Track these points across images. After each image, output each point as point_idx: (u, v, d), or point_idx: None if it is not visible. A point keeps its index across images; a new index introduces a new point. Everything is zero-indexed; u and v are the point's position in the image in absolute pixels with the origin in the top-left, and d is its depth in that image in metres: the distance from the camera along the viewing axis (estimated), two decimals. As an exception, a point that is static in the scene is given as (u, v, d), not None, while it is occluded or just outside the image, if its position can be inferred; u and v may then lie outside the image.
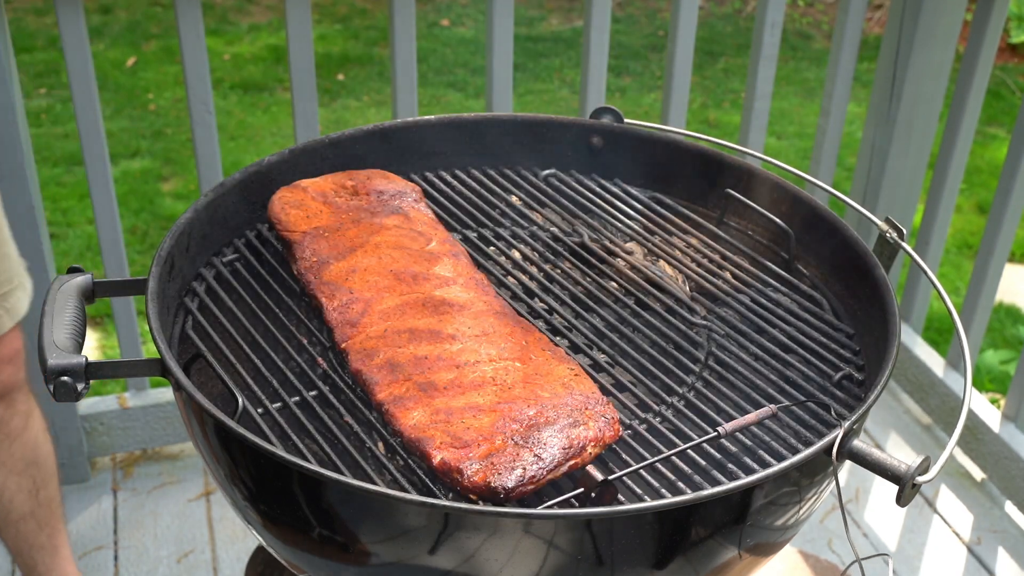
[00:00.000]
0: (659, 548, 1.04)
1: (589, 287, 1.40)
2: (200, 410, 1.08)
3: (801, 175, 1.57)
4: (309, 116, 2.36)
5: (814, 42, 5.91)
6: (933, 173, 2.75)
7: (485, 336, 1.21)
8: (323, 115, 4.85)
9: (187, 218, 1.35)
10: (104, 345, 3.25)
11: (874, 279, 1.31)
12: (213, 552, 2.41)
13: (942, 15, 2.60)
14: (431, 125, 1.60)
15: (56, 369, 1.10)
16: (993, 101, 5.17)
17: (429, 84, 5.19)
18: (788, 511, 1.12)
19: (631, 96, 5.20)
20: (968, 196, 4.37)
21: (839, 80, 2.71)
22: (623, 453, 1.13)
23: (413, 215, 1.41)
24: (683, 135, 1.63)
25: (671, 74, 2.55)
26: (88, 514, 2.49)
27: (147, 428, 2.61)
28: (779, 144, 4.77)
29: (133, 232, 3.84)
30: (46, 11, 5.67)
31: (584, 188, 1.60)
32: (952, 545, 2.50)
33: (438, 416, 1.09)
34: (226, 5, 6.01)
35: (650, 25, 6.04)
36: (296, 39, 2.27)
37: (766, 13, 2.54)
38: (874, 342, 1.27)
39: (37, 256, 2.27)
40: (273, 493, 1.09)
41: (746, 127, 2.70)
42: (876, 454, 1.03)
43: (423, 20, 5.87)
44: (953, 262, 3.95)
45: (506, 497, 1.01)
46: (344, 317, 1.24)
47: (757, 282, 1.41)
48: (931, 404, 2.83)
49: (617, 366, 1.27)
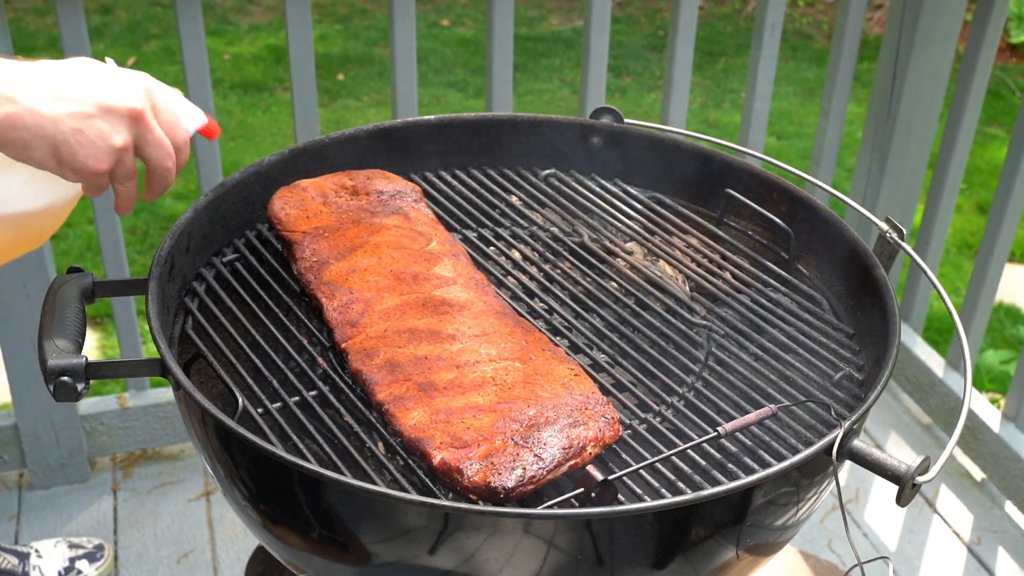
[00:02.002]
0: (659, 548, 1.04)
1: (589, 287, 1.40)
2: (200, 410, 1.08)
3: (801, 175, 1.57)
4: (309, 116, 2.36)
5: (814, 42, 5.91)
6: (933, 173, 2.76)
7: (485, 336, 1.21)
8: (323, 115, 4.85)
9: (187, 218, 1.35)
10: (104, 345, 3.25)
11: (874, 279, 1.31)
12: (213, 552, 2.41)
13: (942, 15, 2.60)
14: (431, 125, 1.60)
15: (56, 369, 1.10)
16: (993, 101, 5.17)
17: (429, 84, 5.19)
18: (788, 511, 1.12)
19: (631, 96, 5.20)
20: (968, 196, 4.37)
21: (839, 80, 2.71)
22: (623, 453, 1.13)
23: (413, 215, 1.41)
24: (683, 135, 1.63)
25: (671, 74, 2.55)
26: (88, 514, 2.49)
27: (147, 428, 2.61)
28: (779, 144, 4.77)
29: (133, 232, 3.84)
30: (46, 11, 5.67)
31: (584, 188, 1.60)
32: (952, 545, 2.50)
33: (438, 416, 1.09)
34: (226, 5, 6.01)
35: (650, 25, 6.04)
36: (296, 39, 2.27)
37: (766, 13, 2.54)
38: (874, 342, 1.27)
39: (37, 256, 2.27)
40: (273, 493, 1.09)
41: (746, 127, 2.70)
42: (876, 454, 1.03)
43: (423, 20, 5.87)
44: (953, 262, 3.95)
45: (506, 497, 1.01)
46: (344, 317, 1.24)
47: (757, 282, 1.41)
48: (931, 404, 2.83)
49: (617, 366, 1.27)
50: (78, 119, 1.09)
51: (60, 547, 2.29)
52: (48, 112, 1.08)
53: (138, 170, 1.18)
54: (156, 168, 1.17)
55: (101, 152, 1.11)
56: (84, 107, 1.10)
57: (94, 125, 1.10)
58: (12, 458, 2.52)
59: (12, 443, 2.50)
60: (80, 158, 1.10)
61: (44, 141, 1.08)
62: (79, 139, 1.09)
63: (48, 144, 1.08)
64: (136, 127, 1.13)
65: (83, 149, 1.10)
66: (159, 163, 1.17)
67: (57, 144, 1.09)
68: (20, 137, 1.07)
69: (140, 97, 1.13)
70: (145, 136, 1.14)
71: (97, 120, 1.10)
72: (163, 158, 1.16)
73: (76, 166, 1.10)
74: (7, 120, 1.06)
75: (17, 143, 1.08)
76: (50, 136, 1.08)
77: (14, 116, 1.06)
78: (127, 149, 1.13)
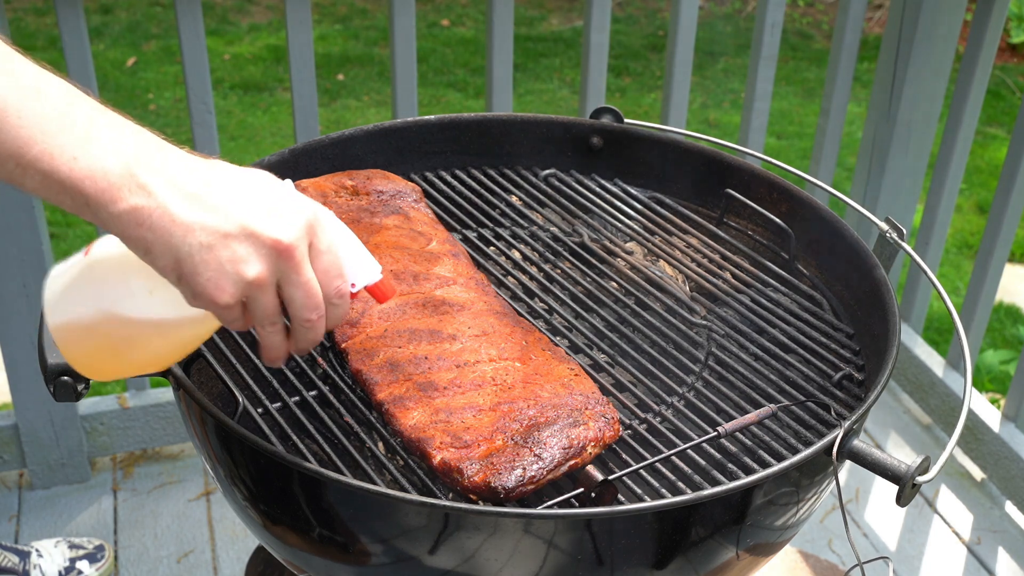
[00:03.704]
0: (659, 548, 1.04)
1: (589, 287, 1.40)
2: (200, 410, 1.08)
3: (801, 175, 1.57)
4: (309, 116, 2.36)
5: (814, 42, 5.91)
6: (933, 173, 2.76)
7: (485, 336, 1.21)
8: (323, 115, 4.85)
9: (187, 218, 1.35)
10: (104, 345, 3.25)
11: (874, 279, 1.32)
12: (213, 552, 2.41)
13: (942, 15, 2.60)
14: (431, 125, 1.60)
15: (56, 369, 1.10)
16: (993, 101, 5.17)
17: (429, 84, 5.19)
18: (788, 511, 1.12)
19: (631, 96, 5.20)
20: (968, 196, 4.37)
21: (839, 80, 2.71)
22: (623, 453, 1.13)
23: (413, 215, 1.41)
24: (683, 135, 1.63)
25: (671, 74, 2.55)
26: (88, 514, 2.49)
27: (147, 428, 2.61)
28: (779, 144, 4.77)
29: (133, 232, 3.84)
30: (46, 11, 5.67)
31: (584, 188, 1.60)
32: (952, 545, 2.50)
33: (438, 416, 1.09)
34: (226, 5, 6.01)
35: (650, 25, 6.04)
36: (296, 39, 2.27)
37: (766, 13, 2.54)
38: (874, 342, 1.27)
39: (37, 256, 2.27)
40: (273, 493, 1.09)
41: (746, 127, 2.70)
42: (876, 454, 1.03)
43: (423, 20, 5.87)
44: (953, 262, 3.95)
45: (506, 497, 1.01)
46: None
47: (757, 282, 1.41)
48: (931, 404, 2.83)
49: (617, 366, 1.27)
50: (212, 235, 0.89)
51: (60, 547, 2.29)
52: (181, 217, 0.88)
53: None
54: (295, 316, 0.96)
55: (226, 280, 0.91)
56: (224, 224, 0.90)
57: (229, 246, 0.90)
58: (12, 458, 2.52)
59: (12, 443, 2.50)
60: (201, 280, 0.90)
61: (168, 250, 0.89)
62: (205, 258, 0.90)
63: (172, 255, 0.89)
64: (280, 263, 0.92)
65: (207, 271, 0.90)
66: (299, 311, 0.95)
67: (181, 258, 0.89)
68: (143, 237, 0.89)
69: (297, 229, 0.92)
70: (289, 276, 0.93)
71: (234, 242, 0.90)
72: (306, 307, 0.95)
73: (196, 289, 0.91)
74: (133, 214, 0.88)
75: (139, 243, 0.89)
76: (175, 246, 0.89)
77: (141, 211, 0.88)
78: (262, 285, 0.92)
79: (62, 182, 0.87)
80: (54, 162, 0.86)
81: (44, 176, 0.86)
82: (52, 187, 0.87)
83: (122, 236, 0.90)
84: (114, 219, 0.88)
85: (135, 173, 0.88)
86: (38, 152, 0.85)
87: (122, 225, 0.89)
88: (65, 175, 0.86)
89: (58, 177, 0.86)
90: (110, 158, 0.87)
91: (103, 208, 0.88)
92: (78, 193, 0.87)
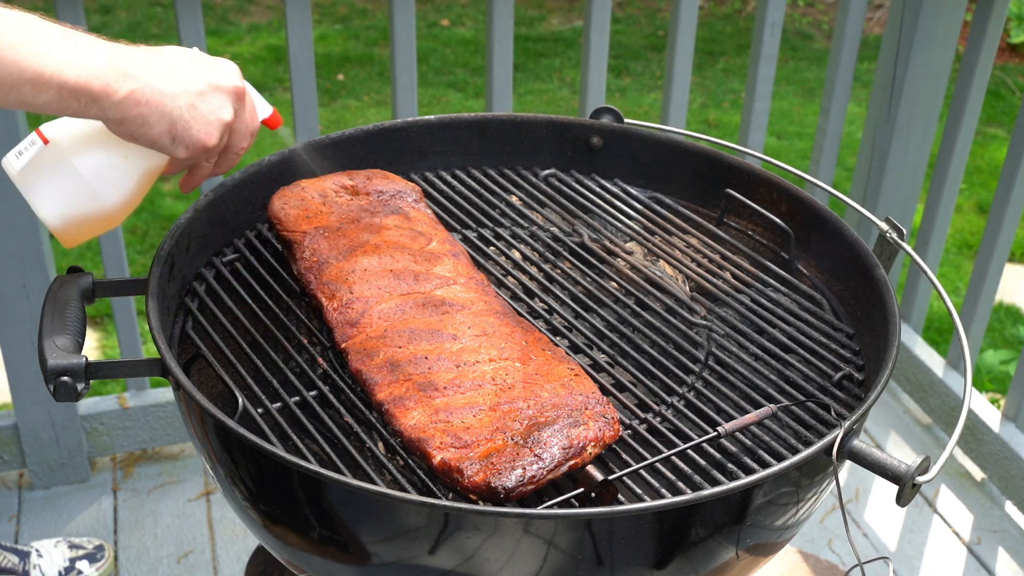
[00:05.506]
0: (659, 548, 1.04)
1: (589, 287, 1.40)
2: (200, 410, 1.08)
3: (801, 175, 1.57)
4: (309, 116, 2.36)
5: (814, 42, 5.91)
6: (933, 173, 2.76)
7: (485, 336, 1.21)
8: (323, 115, 4.85)
9: (187, 218, 1.35)
10: (104, 345, 3.25)
11: (874, 279, 1.31)
12: (213, 552, 2.41)
13: (942, 15, 2.60)
14: (431, 125, 1.60)
15: (56, 369, 1.10)
16: (993, 101, 5.17)
17: (429, 84, 5.19)
18: (788, 511, 1.12)
19: (631, 96, 5.20)
20: (968, 196, 4.37)
21: (839, 80, 2.71)
22: (623, 453, 1.13)
23: (413, 215, 1.41)
24: (683, 135, 1.63)
25: (671, 74, 2.55)
26: (88, 514, 2.49)
27: (147, 428, 2.61)
28: (779, 144, 4.77)
29: (133, 232, 3.84)
30: (46, 11, 5.66)
31: (584, 188, 1.60)
32: (952, 545, 2.50)
33: (438, 416, 1.09)
34: (226, 5, 6.01)
35: (650, 25, 6.04)
36: (296, 39, 2.27)
37: (766, 13, 2.54)
38: (874, 342, 1.27)
39: (37, 256, 2.27)
40: (273, 493, 1.09)
41: (746, 127, 2.70)
42: (876, 454, 1.03)
43: (423, 20, 5.87)
44: (953, 262, 3.95)
45: (506, 497, 1.01)
46: (344, 317, 1.24)
47: (757, 282, 1.41)
48: (931, 404, 2.83)
49: (617, 366, 1.27)
50: (192, 95, 1.12)
51: (60, 547, 2.29)
52: (167, 88, 1.10)
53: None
54: (233, 147, 1.21)
55: (212, 127, 1.14)
56: (197, 84, 1.13)
57: (207, 101, 1.13)
58: (12, 458, 2.52)
59: (12, 443, 2.50)
60: (194, 133, 1.13)
61: (163, 117, 1.10)
62: (193, 114, 1.12)
63: (166, 120, 1.11)
64: (237, 104, 1.17)
65: (197, 124, 1.13)
66: (238, 143, 1.21)
67: (174, 120, 1.11)
68: (141, 113, 1.09)
69: (239, 75, 1.18)
70: (241, 115, 1.19)
71: (209, 96, 1.14)
72: (244, 138, 1.22)
73: (189, 141, 1.13)
74: (131, 96, 1.08)
75: (137, 119, 1.09)
76: (168, 112, 1.10)
77: (137, 92, 1.08)
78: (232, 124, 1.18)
79: (74, 89, 1.04)
80: (63, 75, 1.03)
81: (58, 88, 1.03)
82: (65, 96, 1.04)
83: (124, 117, 1.08)
84: (117, 106, 1.07)
85: (118, 67, 1.07)
86: (52, 70, 1.03)
87: (125, 108, 1.08)
88: (74, 83, 1.04)
89: (71, 86, 1.04)
90: (97, 61, 1.06)
91: (108, 99, 1.06)
92: (85, 93, 1.05)
